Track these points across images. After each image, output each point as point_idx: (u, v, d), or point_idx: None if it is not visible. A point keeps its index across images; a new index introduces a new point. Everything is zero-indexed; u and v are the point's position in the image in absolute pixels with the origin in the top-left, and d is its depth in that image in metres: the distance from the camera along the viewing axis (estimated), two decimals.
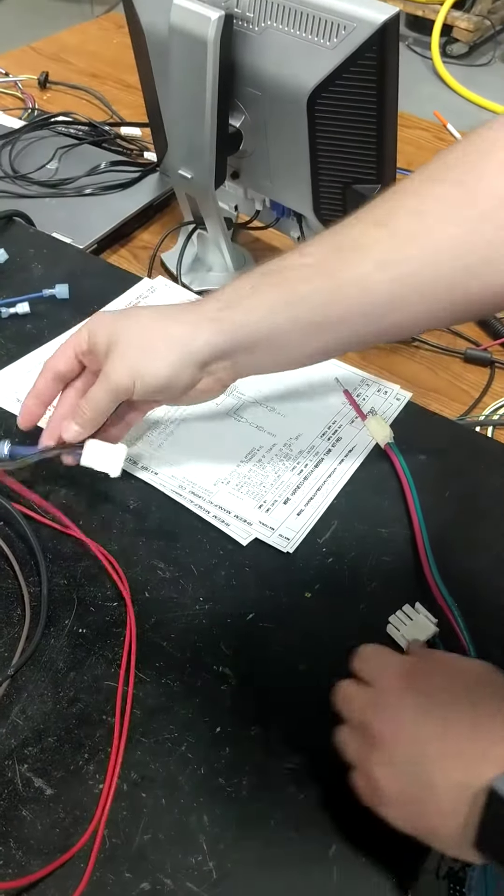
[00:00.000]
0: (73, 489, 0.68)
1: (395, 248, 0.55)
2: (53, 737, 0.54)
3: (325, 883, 0.49)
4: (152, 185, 1.12)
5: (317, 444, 0.73)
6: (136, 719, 0.55)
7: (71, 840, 0.50)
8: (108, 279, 0.90)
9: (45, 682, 0.57)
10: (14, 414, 0.73)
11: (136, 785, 0.52)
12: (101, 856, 0.49)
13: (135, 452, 0.71)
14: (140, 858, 0.49)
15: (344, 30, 0.71)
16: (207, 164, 0.86)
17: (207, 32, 0.75)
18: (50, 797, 0.51)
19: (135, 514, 0.67)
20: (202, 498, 0.68)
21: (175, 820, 0.51)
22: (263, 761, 0.54)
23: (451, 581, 0.62)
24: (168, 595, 0.62)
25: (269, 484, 0.69)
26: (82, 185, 1.10)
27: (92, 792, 0.52)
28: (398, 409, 0.77)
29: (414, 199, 0.56)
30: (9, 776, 0.52)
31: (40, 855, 0.49)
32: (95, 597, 0.61)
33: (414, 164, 1.22)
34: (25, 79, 1.38)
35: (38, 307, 0.85)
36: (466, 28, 3.34)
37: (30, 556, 0.63)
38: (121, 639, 0.59)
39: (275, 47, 0.76)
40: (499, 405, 0.88)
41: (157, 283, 0.91)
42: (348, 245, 0.57)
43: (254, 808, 0.51)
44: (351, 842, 0.51)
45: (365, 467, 0.72)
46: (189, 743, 0.54)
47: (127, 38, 0.92)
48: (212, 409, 0.76)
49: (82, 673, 0.57)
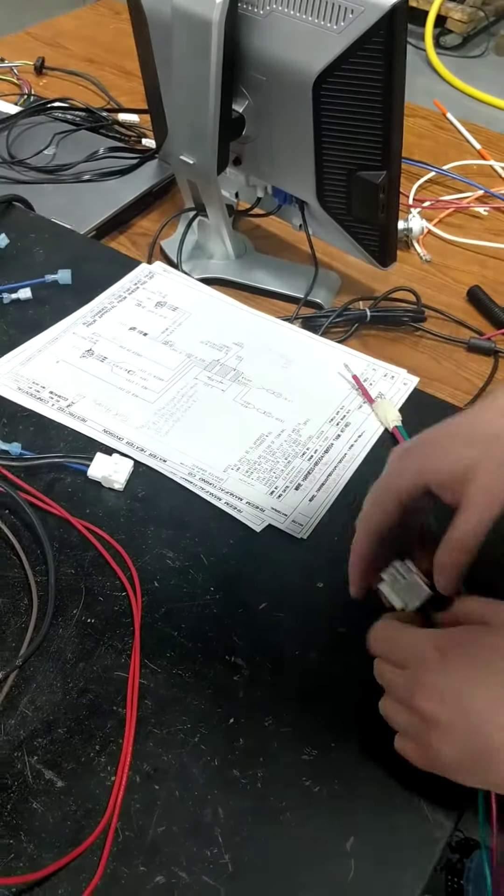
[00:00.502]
0: (80, 478, 0.67)
1: None
2: (63, 728, 0.53)
3: (342, 876, 0.48)
4: (151, 172, 1.11)
5: (326, 430, 0.73)
6: (147, 710, 0.54)
7: (83, 833, 0.49)
8: (111, 264, 0.89)
9: (53, 672, 0.56)
10: (14, 402, 0.72)
11: (149, 777, 0.51)
12: (114, 849, 0.48)
13: (142, 440, 0.70)
14: (154, 851, 0.49)
15: (351, 13, 0.70)
16: (210, 150, 0.85)
17: (212, 15, 0.74)
18: (61, 789, 0.51)
19: (143, 502, 0.66)
20: (213, 485, 0.67)
21: (189, 812, 0.50)
22: (278, 752, 0.53)
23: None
24: (178, 584, 0.61)
25: (280, 470, 0.69)
26: (80, 171, 1.09)
27: (104, 784, 0.51)
28: (406, 393, 0.78)
29: None
30: (18, 768, 0.51)
31: (52, 848, 0.48)
32: (104, 586, 0.61)
33: (414, 152, 1.21)
34: (21, 64, 1.36)
35: (40, 293, 0.84)
36: (460, 19, 3.34)
37: (36, 545, 0.62)
38: (130, 629, 0.58)
39: (280, 31, 0.75)
40: None
41: (155, 269, 0.90)
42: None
43: (269, 801, 0.51)
44: (368, 835, 0.50)
45: (375, 453, 0.72)
46: (202, 734, 0.53)
47: (123, 24, 0.91)
48: (218, 396, 0.75)
49: (91, 663, 0.56)
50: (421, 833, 0.50)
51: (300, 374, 0.79)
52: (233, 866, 0.48)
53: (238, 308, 0.86)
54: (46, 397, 0.73)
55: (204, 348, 0.80)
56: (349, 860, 0.49)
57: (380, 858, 0.49)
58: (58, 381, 0.75)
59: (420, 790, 0.51)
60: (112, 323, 0.82)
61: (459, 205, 1.13)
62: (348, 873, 0.48)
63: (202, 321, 0.84)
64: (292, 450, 0.71)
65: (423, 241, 1.06)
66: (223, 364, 0.79)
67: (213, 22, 0.75)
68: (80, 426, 0.71)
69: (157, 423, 0.72)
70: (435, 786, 0.50)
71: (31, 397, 0.73)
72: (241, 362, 0.79)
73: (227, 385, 0.76)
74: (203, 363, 0.79)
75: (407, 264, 1.02)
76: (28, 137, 1.15)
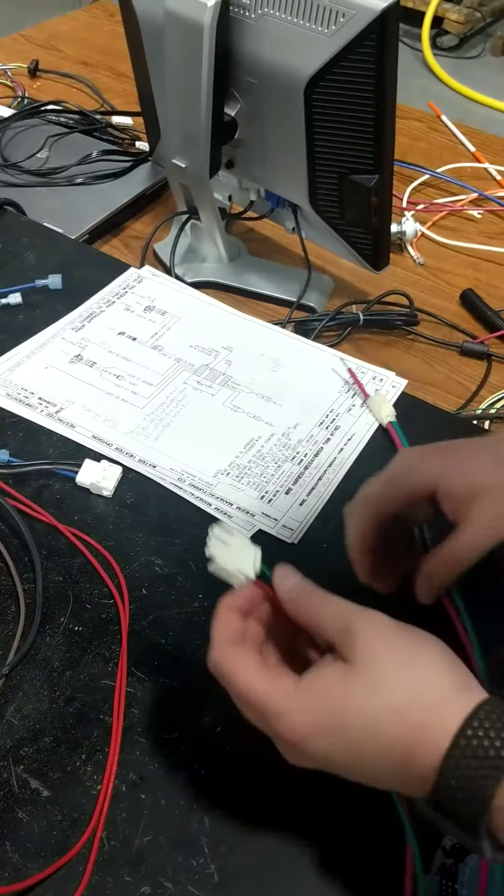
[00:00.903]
0: (68, 484, 0.67)
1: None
2: (50, 737, 0.53)
3: (327, 885, 0.48)
4: (144, 175, 1.11)
5: (315, 433, 0.73)
6: (134, 719, 0.54)
7: (69, 843, 0.48)
8: (102, 269, 0.89)
9: (40, 680, 0.56)
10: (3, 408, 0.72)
11: (136, 786, 0.51)
12: (99, 858, 0.48)
13: (131, 446, 0.70)
14: (140, 861, 0.48)
15: (342, 17, 0.70)
16: (202, 153, 0.85)
17: (203, 18, 0.74)
18: (47, 799, 0.50)
19: (132, 509, 0.66)
20: (203, 490, 0.67)
21: (175, 822, 0.50)
22: (266, 762, 0.52)
23: None
24: (166, 591, 0.61)
25: (270, 474, 0.69)
26: (73, 174, 1.08)
27: (90, 793, 0.51)
28: (395, 396, 0.78)
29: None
30: (4, 777, 0.51)
31: (37, 858, 0.48)
32: (92, 594, 0.60)
33: (408, 155, 1.21)
34: (15, 67, 1.35)
35: (31, 297, 0.83)
36: (457, 20, 3.34)
37: (24, 552, 0.62)
38: (118, 636, 0.58)
39: (272, 34, 0.75)
40: (496, 398, 0.87)
41: (143, 273, 0.90)
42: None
43: (256, 810, 0.50)
44: (353, 843, 0.50)
45: (366, 457, 0.72)
46: (189, 743, 0.53)
47: (117, 27, 0.91)
48: (207, 401, 0.75)
49: (79, 671, 0.56)
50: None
51: (290, 377, 0.78)
52: (219, 876, 0.48)
53: (227, 312, 0.86)
54: (35, 403, 0.73)
55: (193, 353, 0.80)
56: (336, 868, 0.49)
57: (366, 865, 0.49)
58: (46, 386, 0.75)
59: None
60: (101, 328, 0.81)
61: (453, 208, 1.13)
62: (335, 881, 0.48)
63: (191, 325, 0.83)
64: (282, 454, 0.70)
65: (416, 245, 1.06)
66: (212, 368, 0.78)
67: (204, 25, 0.74)
68: (69, 432, 0.71)
69: (146, 429, 0.72)
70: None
71: (19, 403, 0.73)
72: (230, 366, 0.79)
73: (216, 389, 0.76)
74: (192, 368, 0.78)
75: (400, 267, 1.02)
76: (21, 140, 1.15)
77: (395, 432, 0.73)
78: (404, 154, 1.21)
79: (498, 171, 1.21)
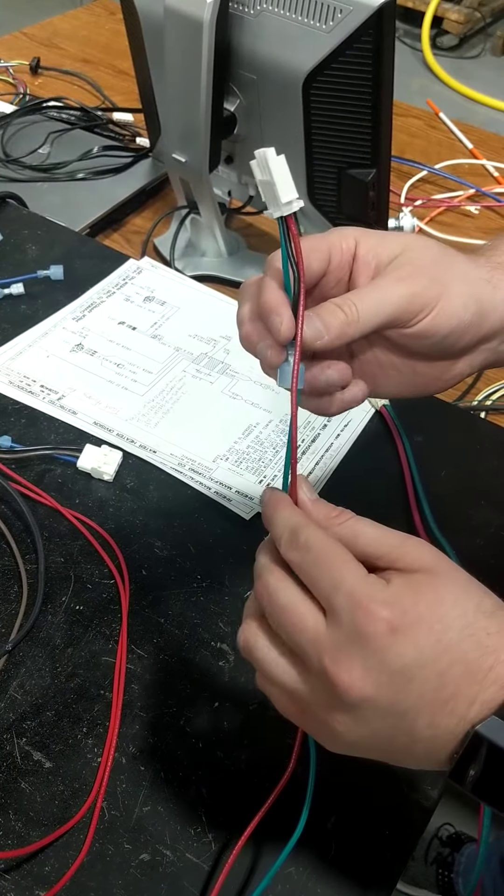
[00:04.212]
0: (70, 469, 0.69)
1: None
2: (52, 711, 0.54)
3: (322, 855, 0.49)
4: (145, 171, 1.12)
5: (312, 419, 0.74)
6: (134, 694, 0.55)
7: (70, 812, 0.50)
8: (103, 260, 0.90)
9: (42, 657, 0.57)
10: (6, 395, 0.73)
11: (135, 758, 0.53)
12: (100, 827, 0.49)
13: (132, 432, 0.71)
14: (139, 830, 0.50)
15: (340, 13, 0.71)
16: (202, 148, 0.86)
17: (203, 15, 0.75)
18: (49, 770, 0.52)
19: (132, 493, 0.67)
20: (202, 475, 0.68)
21: (174, 792, 0.51)
22: (262, 736, 0.54)
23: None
24: (166, 572, 0.62)
25: (269, 459, 0.70)
26: (74, 169, 1.10)
27: (91, 765, 0.52)
28: None
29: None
30: (7, 749, 0.52)
31: (39, 826, 0.49)
32: (93, 574, 0.62)
33: (406, 151, 1.23)
34: (17, 64, 1.37)
35: (33, 288, 0.85)
36: (457, 20, 3.35)
37: (26, 534, 0.63)
38: (118, 615, 0.59)
39: (270, 30, 0.76)
40: (492, 391, 0.88)
41: (142, 264, 0.91)
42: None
43: (253, 781, 0.52)
44: (348, 815, 0.51)
45: (362, 442, 0.73)
46: (187, 717, 0.55)
47: (118, 25, 0.92)
48: (206, 388, 0.76)
49: (80, 649, 0.57)
50: (401, 813, 0.51)
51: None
52: (216, 845, 0.49)
53: (225, 302, 0.87)
54: (37, 391, 0.74)
55: (192, 342, 0.81)
56: (330, 839, 0.50)
57: (360, 837, 0.50)
58: (48, 374, 0.76)
59: (402, 770, 0.52)
60: (101, 318, 0.83)
61: (451, 203, 1.14)
62: (329, 852, 0.50)
63: (190, 315, 0.85)
64: (280, 440, 0.72)
65: None
66: (211, 357, 0.80)
67: (204, 22, 0.76)
68: (71, 418, 0.72)
69: (146, 415, 0.73)
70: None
71: (21, 391, 0.74)
72: (228, 355, 0.80)
73: (215, 378, 0.77)
74: (191, 356, 0.80)
75: None
76: (23, 136, 1.16)
77: (389, 416, 0.74)
78: (403, 150, 1.22)
79: (495, 168, 1.22)
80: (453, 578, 0.39)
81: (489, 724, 0.36)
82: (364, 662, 0.37)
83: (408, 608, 0.37)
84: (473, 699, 0.37)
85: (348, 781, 0.52)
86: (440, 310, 0.45)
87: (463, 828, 1.21)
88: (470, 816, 1.20)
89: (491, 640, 0.37)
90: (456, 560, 0.41)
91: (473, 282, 0.47)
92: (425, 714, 0.37)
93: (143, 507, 0.67)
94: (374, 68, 0.73)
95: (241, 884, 0.49)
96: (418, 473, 0.70)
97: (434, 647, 0.37)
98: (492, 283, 0.47)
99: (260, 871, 0.49)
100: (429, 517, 0.66)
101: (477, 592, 0.39)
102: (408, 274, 0.45)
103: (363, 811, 0.51)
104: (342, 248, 0.46)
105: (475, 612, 0.38)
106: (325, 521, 0.41)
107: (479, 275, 0.47)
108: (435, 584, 0.38)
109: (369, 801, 0.52)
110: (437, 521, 0.66)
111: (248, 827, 0.48)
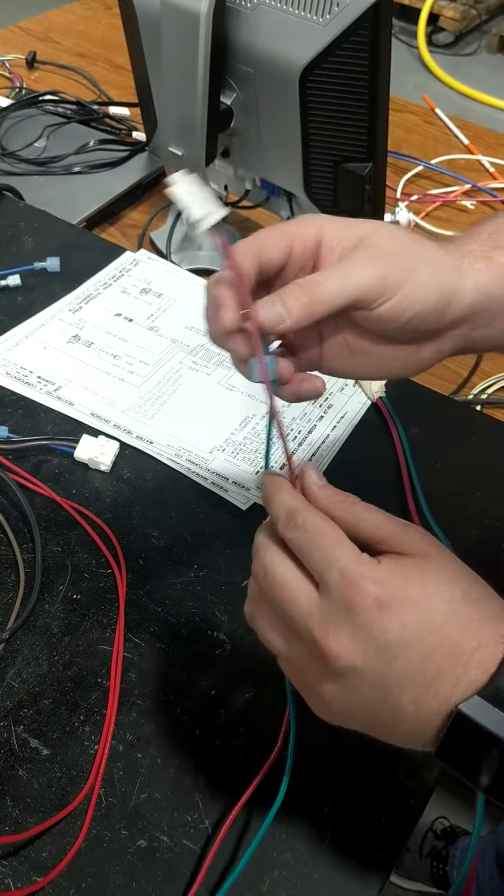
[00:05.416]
0: (67, 459, 0.69)
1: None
2: (49, 699, 0.55)
3: (318, 842, 0.50)
4: (141, 165, 1.12)
5: (309, 411, 0.75)
6: (131, 682, 0.56)
7: (67, 798, 0.50)
8: (99, 253, 0.90)
9: (39, 645, 0.57)
10: (3, 386, 0.74)
11: (132, 746, 0.53)
12: (97, 814, 0.50)
13: (129, 423, 0.72)
14: (136, 816, 0.50)
15: (337, 6, 0.71)
16: (198, 142, 0.86)
17: (200, 8, 0.75)
18: (46, 757, 0.52)
19: (129, 483, 0.68)
20: (199, 465, 0.69)
21: (171, 779, 0.52)
22: (258, 724, 0.54)
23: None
24: (163, 562, 0.63)
25: (265, 450, 0.70)
26: (70, 163, 1.10)
27: (88, 752, 0.52)
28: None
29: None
30: (5, 737, 0.53)
31: (37, 813, 0.50)
32: (90, 564, 0.62)
33: (403, 147, 1.23)
34: (13, 58, 1.37)
35: (29, 280, 0.85)
36: (453, 17, 3.35)
37: (24, 524, 0.63)
38: (115, 604, 0.59)
39: (267, 24, 0.76)
40: (487, 384, 0.89)
41: (139, 257, 0.91)
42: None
43: (249, 768, 0.52)
44: (345, 801, 0.51)
45: (358, 434, 0.74)
46: (184, 706, 0.55)
47: (115, 20, 0.92)
48: (203, 380, 0.77)
49: (77, 637, 0.58)
50: (398, 800, 0.52)
51: None
52: (213, 831, 0.50)
53: None
54: (34, 382, 0.74)
55: (189, 333, 0.82)
56: (326, 825, 0.50)
57: (356, 824, 0.51)
58: (45, 366, 0.76)
59: (397, 757, 0.53)
60: (98, 309, 0.83)
61: (446, 198, 1.15)
62: (325, 838, 0.50)
63: (186, 307, 0.85)
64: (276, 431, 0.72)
65: None
66: (208, 349, 0.80)
67: (201, 15, 0.76)
68: (68, 409, 0.72)
69: (143, 407, 0.73)
70: (413, 756, 0.51)
71: (18, 382, 0.74)
72: None
73: (211, 369, 0.78)
74: (188, 348, 0.80)
75: None
76: (19, 130, 1.16)
77: (385, 407, 0.74)
78: (399, 146, 1.23)
79: (490, 163, 1.22)
80: (444, 565, 0.40)
81: (472, 704, 0.37)
82: (352, 632, 0.38)
83: (396, 588, 0.38)
84: (457, 681, 0.38)
85: (344, 768, 0.53)
86: (404, 294, 0.45)
87: (458, 821, 1.22)
88: (465, 810, 1.20)
89: (475, 626, 0.38)
90: (451, 549, 0.42)
91: (440, 268, 0.46)
92: (409, 692, 0.38)
93: (139, 497, 0.67)
94: (370, 62, 0.73)
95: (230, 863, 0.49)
96: (414, 464, 0.70)
97: (420, 627, 0.38)
98: (461, 269, 0.47)
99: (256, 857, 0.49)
100: (424, 507, 0.67)
101: (466, 580, 0.40)
102: (374, 256, 0.45)
103: (359, 798, 0.52)
104: (305, 236, 0.46)
105: (462, 598, 0.39)
106: (331, 504, 0.43)
107: (448, 261, 0.47)
108: (425, 569, 0.40)
109: (365, 787, 0.52)
110: (433, 511, 0.67)
111: (235, 807, 0.49)
